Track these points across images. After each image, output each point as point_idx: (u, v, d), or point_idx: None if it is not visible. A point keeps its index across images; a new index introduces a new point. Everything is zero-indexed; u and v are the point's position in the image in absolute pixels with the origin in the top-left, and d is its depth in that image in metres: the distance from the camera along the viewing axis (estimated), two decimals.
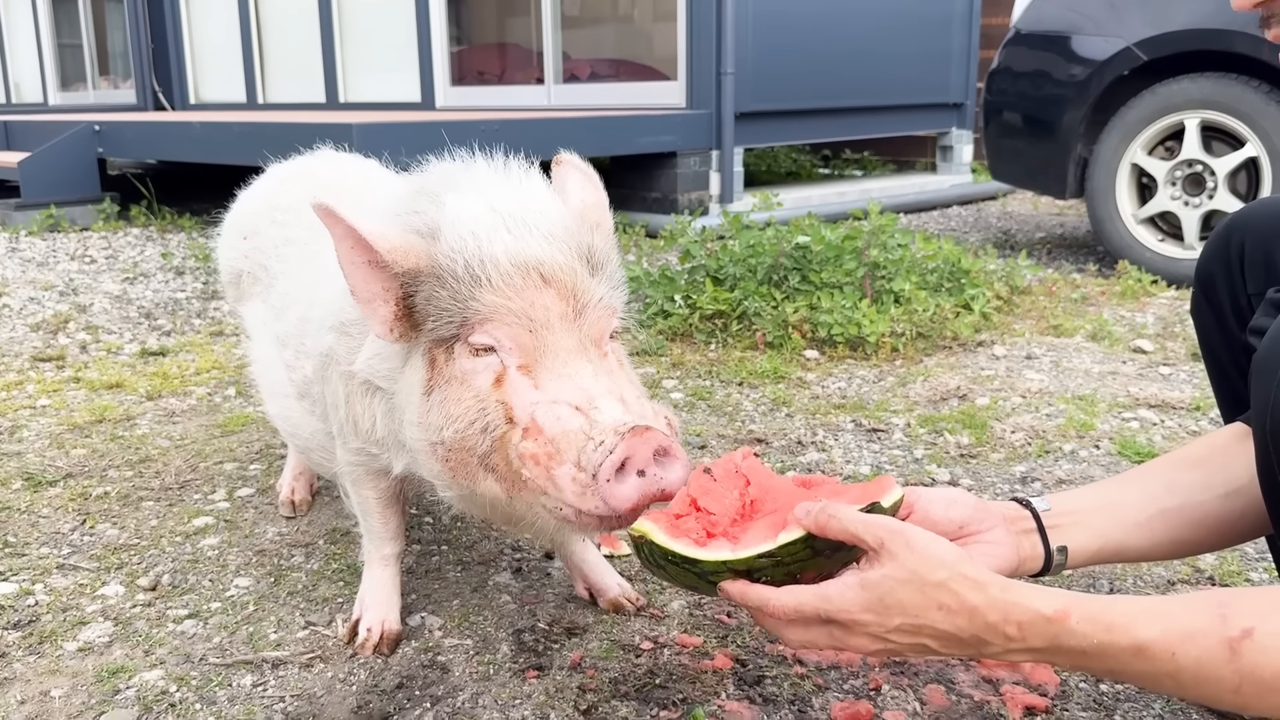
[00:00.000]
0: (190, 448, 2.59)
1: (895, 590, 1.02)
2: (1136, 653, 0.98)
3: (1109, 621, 0.99)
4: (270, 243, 1.95)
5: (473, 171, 1.41)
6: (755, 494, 1.19)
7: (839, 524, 1.05)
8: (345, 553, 2.03)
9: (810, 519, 1.06)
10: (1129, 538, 1.27)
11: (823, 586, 1.06)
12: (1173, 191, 4.32)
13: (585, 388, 1.24)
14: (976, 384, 3.00)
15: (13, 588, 1.88)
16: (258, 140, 5.57)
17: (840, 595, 1.04)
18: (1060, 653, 1.02)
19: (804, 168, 8.63)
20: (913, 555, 1.02)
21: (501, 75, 7.58)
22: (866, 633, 1.04)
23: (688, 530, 1.13)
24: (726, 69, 5.99)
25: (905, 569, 1.01)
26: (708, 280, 3.66)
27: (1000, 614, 1.01)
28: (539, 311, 1.27)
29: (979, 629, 1.01)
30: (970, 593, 1.01)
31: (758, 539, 1.10)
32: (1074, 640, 1.00)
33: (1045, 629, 1.00)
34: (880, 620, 1.03)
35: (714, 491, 1.18)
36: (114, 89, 10.19)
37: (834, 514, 1.05)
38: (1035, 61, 4.80)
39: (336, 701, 1.55)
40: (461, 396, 1.30)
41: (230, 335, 3.74)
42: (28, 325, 3.86)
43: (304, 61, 8.17)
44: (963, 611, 1.01)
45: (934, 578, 1.01)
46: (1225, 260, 1.41)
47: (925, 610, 1.02)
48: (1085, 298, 4.08)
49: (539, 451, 1.22)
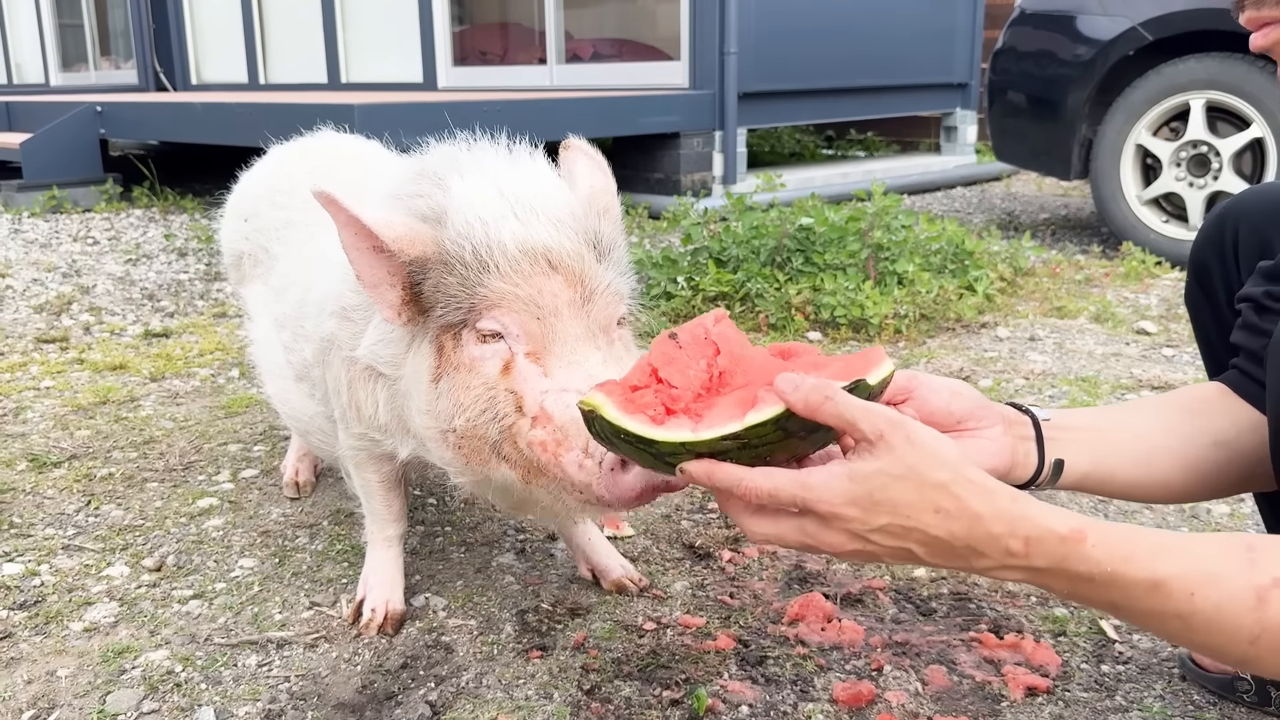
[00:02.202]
0: (194, 429, 2.60)
1: (889, 486, 0.92)
2: (1151, 588, 0.91)
3: (1129, 552, 0.92)
4: (271, 225, 1.95)
5: (477, 154, 1.41)
6: (724, 365, 1.07)
7: (834, 407, 0.93)
8: (349, 534, 2.04)
9: (799, 396, 0.93)
10: (1120, 468, 1.22)
11: (805, 473, 0.95)
12: (1177, 172, 4.30)
13: (594, 375, 1.24)
14: (980, 365, 3.00)
15: (18, 568, 1.89)
16: (259, 121, 5.55)
17: (824, 485, 0.93)
18: (1062, 576, 0.94)
19: (807, 148, 8.60)
20: (913, 450, 0.92)
21: (504, 55, 7.54)
22: (846, 529, 0.94)
23: (644, 405, 1.01)
24: (730, 49, 5.96)
25: (903, 464, 0.92)
26: (710, 262, 3.65)
27: (1006, 525, 0.92)
28: (547, 298, 1.28)
29: (977, 539, 0.93)
30: (975, 498, 0.93)
31: (723, 417, 0.98)
32: (1084, 565, 0.93)
33: (1055, 548, 0.93)
34: (865, 517, 0.93)
35: (678, 361, 1.06)
36: (115, 69, 10.16)
37: (830, 395, 0.93)
38: (1040, 41, 4.78)
39: (341, 681, 1.55)
40: (470, 384, 1.30)
41: (233, 317, 3.74)
42: (31, 307, 3.86)
43: (305, 42, 8.14)
44: (963, 517, 0.92)
45: (935, 477, 0.92)
46: (1219, 248, 1.38)
47: (919, 511, 0.92)
48: (1089, 279, 4.08)
49: (548, 438, 1.23)
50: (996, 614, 1.71)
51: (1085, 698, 1.49)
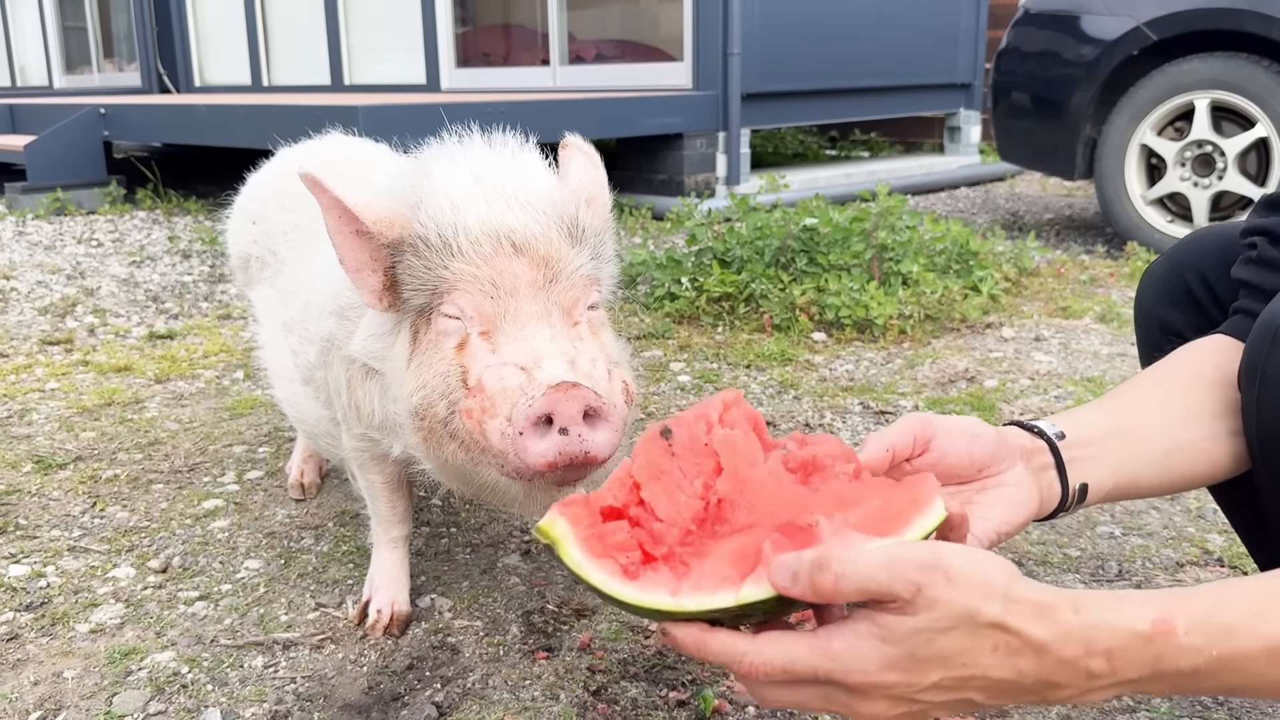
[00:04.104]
0: (199, 430, 2.60)
1: (934, 640, 0.76)
2: (1274, 657, 0.75)
3: (1229, 623, 0.76)
4: (279, 228, 1.95)
5: (467, 147, 1.41)
6: (725, 490, 0.86)
7: (851, 584, 0.76)
8: (355, 535, 2.04)
9: (801, 587, 0.77)
10: (1144, 476, 1.10)
11: (825, 638, 0.78)
12: (1182, 172, 4.30)
13: (537, 350, 1.22)
14: (985, 366, 2.99)
15: (24, 570, 1.89)
16: (263, 123, 5.56)
17: (853, 652, 0.77)
18: (1162, 680, 0.77)
19: (811, 149, 8.60)
20: (957, 594, 0.75)
21: (507, 57, 7.55)
22: (888, 695, 0.78)
23: (617, 544, 0.82)
24: (733, 49, 5.96)
25: (949, 614, 0.75)
26: (715, 263, 3.65)
27: (1081, 645, 0.76)
28: (506, 279, 1.26)
29: (1049, 669, 0.77)
30: (1033, 624, 0.76)
31: (714, 578, 0.79)
32: (1184, 660, 0.76)
33: (1144, 652, 0.76)
34: (911, 679, 0.77)
35: (667, 476, 0.86)
36: (119, 72, 10.18)
37: (839, 573, 0.76)
38: (1044, 41, 4.78)
39: (347, 682, 1.55)
40: (430, 363, 1.30)
41: (238, 318, 3.74)
42: (35, 309, 3.86)
43: (309, 44, 8.15)
44: (1026, 650, 0.76)
45: (987, 615, 0.75)
46: (1173, 299, 1.29)
47: (974, 655, 0.76)
48: (1094, 279, 4.07)
49: (474, 407, 1.21)
50: None
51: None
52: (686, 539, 0.83)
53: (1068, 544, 1.95)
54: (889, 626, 0.76)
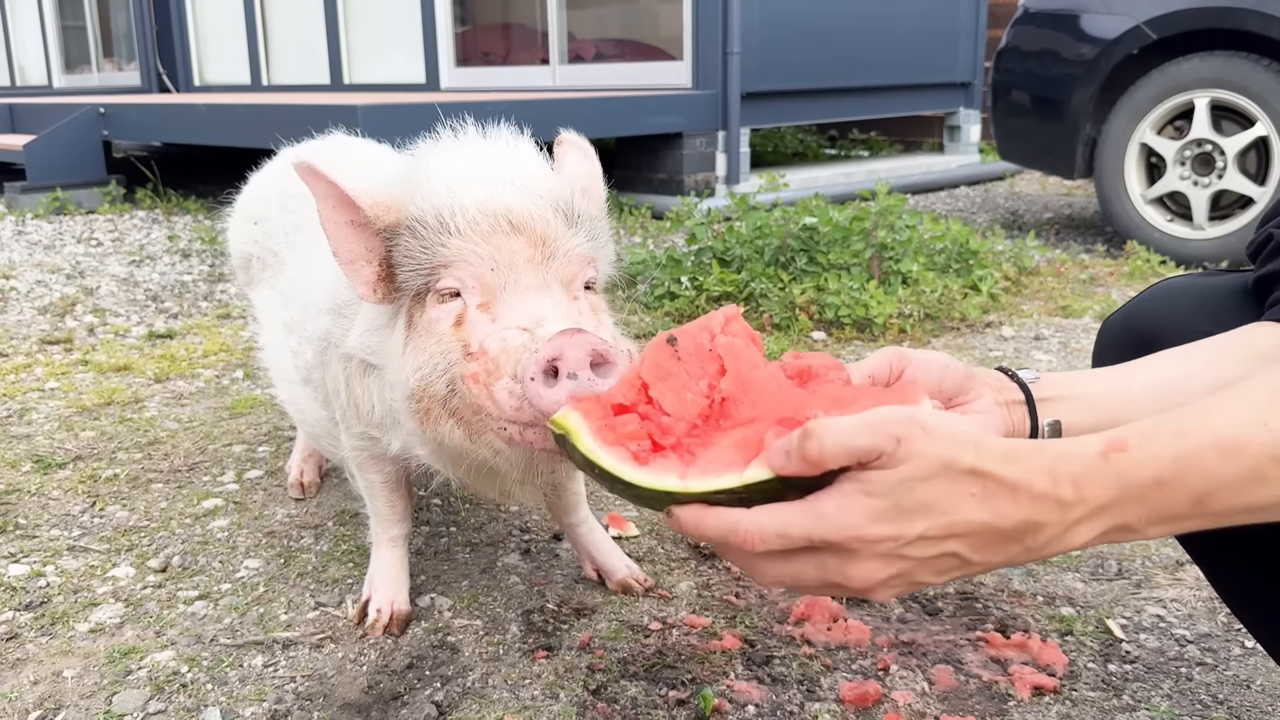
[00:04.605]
0: (199, 430, 2.60)
1: (916, 490, 0.79)
2: (1223, 448, 0.77)
3: (1178, 428, 0.79)
4: (280, 228, 1.95)
5: (463, 138, 1.42)
6: (728, 389, 0.90)
7: (835, 450, 0.79)
8: (354, 534, 2.04)
9: (794, 463, 0.80)
10: (1130, 407, 1.04)
11: (817, 502, 0.80)
12: (1182, 171, 4.30)
13: (540, 315, 1.20)
14: (985, 365, 2.99)
15: (24, 569, 1.89)
16: (262, 122, 5.56)
17: (842, 510, 0.80)
18: (1130, 501, 0.79)
19: (810, 148, 8.59)
20: (935, 444, 0.79)
21: (506, 56, 7.55)
22: (878, 553, 0.80)
23: (628, 434, 0.86)
24: (733, 49, 5.96)
25: (928, 463, 0.79)
26: (714, 262, 3.65)
27: (1048, 476, 0.79)
28: (504, 255, 1.26)
29: (1025, 508, 0.79)
30: (1004, 466, 0.79)
31: (719, 463, 0.83)
32: (1143, 469, 0.78)
33: (1105, 470, 0.79)
34: (898, 530, 0.79)
35: (674, 377, 0.90)
36: (118, 71, 10.18)
37: (824, 443, 0.79)
38: (1044, 40, 4.77)
39: (347, 682, 1.55)
40: (427, 345, 1.28)
41: (237, 318, 3.74)
42: (35, 308, 3.86)
43: (308, 43, 8.15)
44: (1001, 492, 0.79)
45: (963, 461, 0.79)
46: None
47: (955, 502, 0.79)
48: (1093, 278, 4.07)
49: (478, 370, 1.19)
50: (1003, 613, 1.71)
51: (1092, 697, 1.49)
52: (693, 431, 0.88)
53: None
54: (874, 480, 0.79)
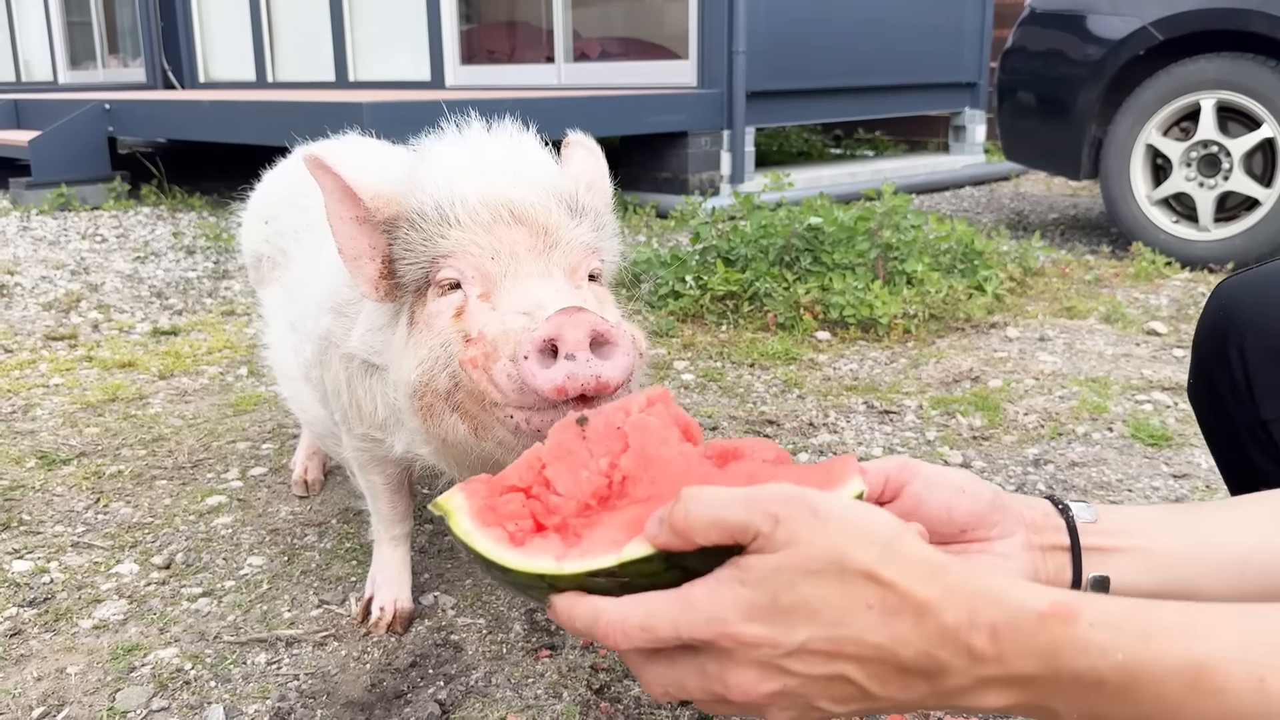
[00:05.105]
0: (203, 427, 2.60)
1: (798, 584, 0.66)
2: (1191, 682, 0.60)
3: (1147, 628, 0.62)
4: (290, 227, 1.94)
5: (465, 133, 1.41)
6: (629, 467, 0.82)
7: (701, 520, 0.68)
8: (358, 532, 2.03)
9: (665, 531, 0.70)
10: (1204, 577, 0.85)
11: (688, 589, 0.69)
12: (1188, 172, 4.29)
13: (539, 299, 1.17)
14: (989, 366, 2.99)
15: (28, 565, 1.89)
16: (267, 119, 5.56)
17: (712, 599, 0.68)
18: (1058, 685, 0.63)
19: (815, 148, 8.59)
20: (825, 531, 0.66)
21: (511, 54, 7.55)
22: (754, 660, 0.67)
23: (507, 515, 0.79)
24: (738, 47, 5.95)
25: (814, 553, 0.66)
26: (719, 261, 3.65)
27: (965, 611, 0.64)
28: (505, 245, 1.24)
29: (931, 638, 0.65)
30: (915, 580, 0.65)
31: (602, 542, 0.74)
32: (1083, 657, 0.62)
33: (1036, 635, 0.63)
34: (775, 634, 0.66)
35: (574, 456, 0.83)
36: (123, 67, 10.19)
37: (689, 510, 0.68)
38: (1050, 41, 4.76)
39: (350, 680, 1.55)
40: (427, 339, 1.27)
41: (241, 314, 3.74)
42: (40, 304, 3.86)
43: (314, 40, 8.15)
44: (905, 610, 0.65)
45: (859, 560, 0.65)
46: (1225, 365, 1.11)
47: (847, 612, 0.65)
48: (1099, 279, 4.06)
49: (477, 354, 1.15)
50: None
51: None
52: (584, 511, 0.79)
53: None
54: (748, 566, 0.67)
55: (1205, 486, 2.17)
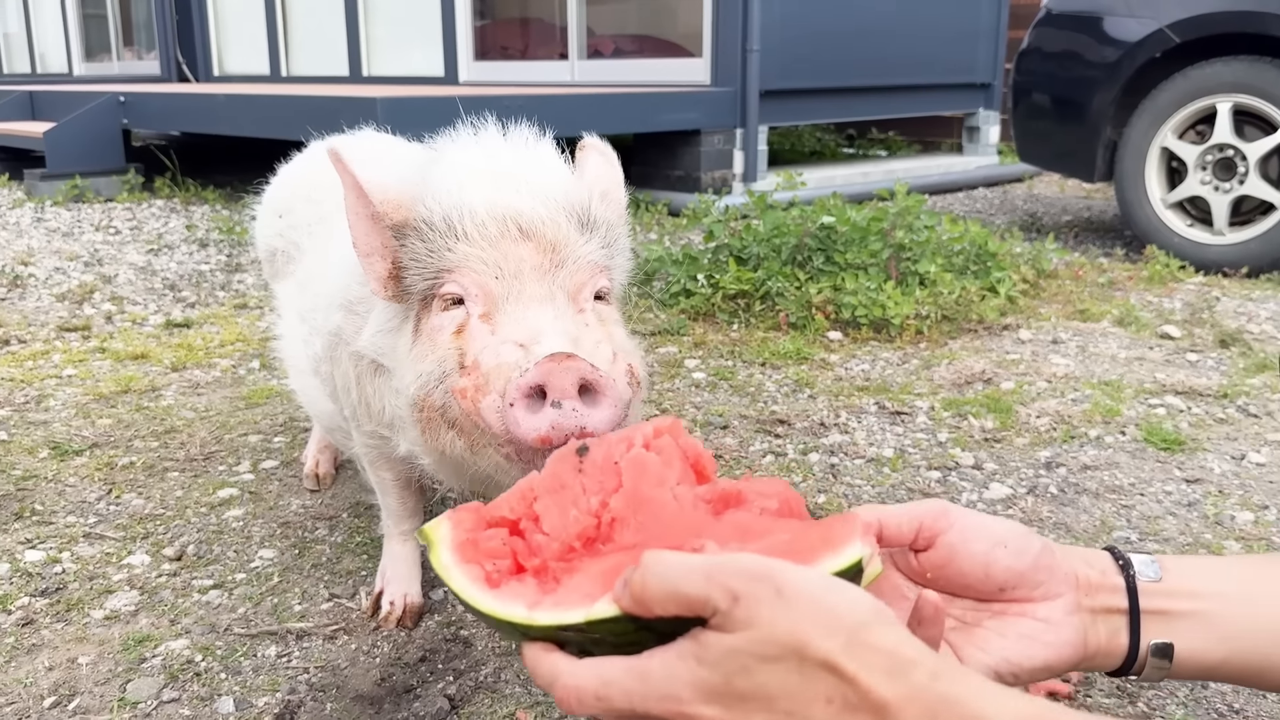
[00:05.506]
0: (215, 419, 2.60)
1: (754, 670, 0.63)
2: None
3: None
4: (304, 221, 1.95)
5: (481, 136, 1.40)
6: (618, 508, 0.79)
7: (659, 590, 0.66)
8: (369, 526, 2.04)
9: (625, 595, 0.68)
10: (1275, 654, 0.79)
11: (646, 659, 0.67)
12: (1203, 176, 4.27)
13: (537, 328, 1.17)
14: (1002, 368, 2.98)
15: (40, 555, 1.90)
16: (281, 113, 5.58)
17: (667, 674, 0.65)
18: None
19: (828, 147, 8.57)
20: (787, 615, 0.63)
21: (525, 50, 7.55)
22: None
23: (488, 552, 0.77)
24: (752, 46, 5.95)
25: (773, 638, 0.63)
26: (731, 260, 3.64)
27: (924, 717, 0.61)
28: (510, 263, 1.23)
29: None
30: (877, 676, 0.61)
31: (577, 594, 0.72)
32: None
33: None
34: (728, 717, 0.64)
35: (567, 491, 0.81)
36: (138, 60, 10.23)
37: (647, 579, 0.66)
38: (1066, 42, 4.74)
39: (360, 673, 1.56)
40: (428, 353, 1.26)
41: (254, 308, 3.75)
42: (53, 295, 3.88)
43: (328, 34, 8.17)
44: (864, 709, 0.62)
45: (820, 649, 0.62)
46: None
47: (803, 703, 0.62)
48: (1112, 282, 4.05)
49: (468, 385, 1.16)
50: None
51: (1107, 704, 1.48)
52: (568, 555, 0.77)
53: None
54: (706, 644, 0.64)
55: (1218, 492, 2.16)
